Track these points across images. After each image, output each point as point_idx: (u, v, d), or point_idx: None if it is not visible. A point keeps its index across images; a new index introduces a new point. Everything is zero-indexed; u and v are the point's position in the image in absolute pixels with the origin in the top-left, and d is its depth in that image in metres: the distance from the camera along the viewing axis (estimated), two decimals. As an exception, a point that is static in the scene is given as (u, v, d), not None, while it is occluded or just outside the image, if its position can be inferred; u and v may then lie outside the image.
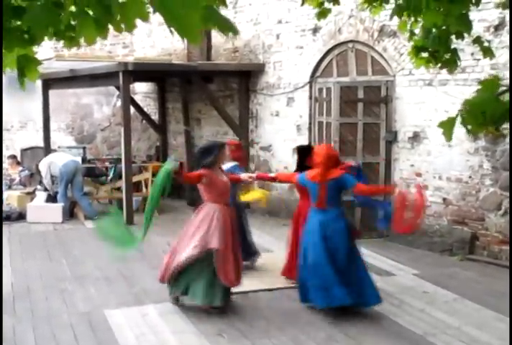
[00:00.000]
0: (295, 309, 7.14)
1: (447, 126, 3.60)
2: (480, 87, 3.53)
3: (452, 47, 5.48)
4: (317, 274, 6.82)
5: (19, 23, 3.17)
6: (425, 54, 5.75)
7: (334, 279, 6.78)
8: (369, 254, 9.54)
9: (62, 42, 3.74)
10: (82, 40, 3.36)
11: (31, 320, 6.90)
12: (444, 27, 5.20)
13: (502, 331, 6.41)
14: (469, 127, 3.61)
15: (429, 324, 6.71)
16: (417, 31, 5.78)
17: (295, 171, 7.88)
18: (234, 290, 7.21)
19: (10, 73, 4.06)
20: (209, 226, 6.96)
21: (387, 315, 6.97)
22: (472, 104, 3.52)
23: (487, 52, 5.72)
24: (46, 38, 3.23)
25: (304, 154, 7.86)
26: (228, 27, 3.27)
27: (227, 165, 8.19)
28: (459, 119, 3.64)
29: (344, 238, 6.94)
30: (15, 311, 7.18)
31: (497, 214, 8.91)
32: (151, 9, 2.73)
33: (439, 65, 5.71)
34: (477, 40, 5.68)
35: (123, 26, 3.14)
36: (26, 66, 3.50)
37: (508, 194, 8.72)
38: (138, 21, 2.97)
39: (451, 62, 5.57)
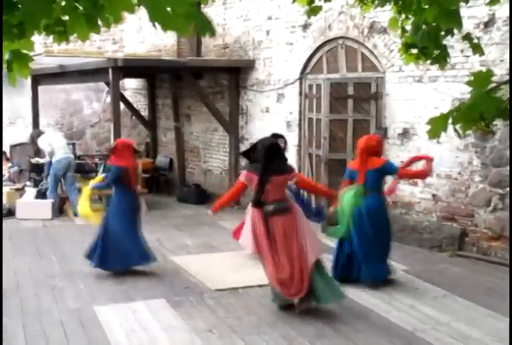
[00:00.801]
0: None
1: (436, 124, 3.60)
2: (471, 78, 3.54)
3: (442, 43, 5.49)
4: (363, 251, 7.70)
5: (7, 17, 3.16)
6: (414, 51, 5.76)
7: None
8: (359, 250, 9.57)
9: (51, 37, 3.72)
10: (73, 36, 3.34)
11: (21, 317, 6.87)
12: (434, 24, 5.21)
13: (492, 327, 6.44)
14: (458, 128, 3.62)
15: (419, 320, 6.72)
16: (408, 27, 5.79)
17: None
18: (224, 286, 7.21)
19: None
20: None
21: (377, 312, 6.98)
22: (467, 103, 3.52)
23: (477, 48, 5.73)
24: (36, 33, 3.21)
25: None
26: (207, 27, 3.26)
27: None
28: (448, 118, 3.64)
29: (383, 220, 7.83)
30: (5, 308, 7.15)
31: (487, 210, 8.94)
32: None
33: (429, 61, 5.72)
34: (467, 37, 5.69)
35: (110, 19, 3.13)
36: (17, 62, 3.48)
37: (497, 190, 8.75)
38: (128, 18, 2.97)
39: (440, 59, 5.58)
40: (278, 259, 6.73)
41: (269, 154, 6.74)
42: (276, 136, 8.16)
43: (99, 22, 3.22)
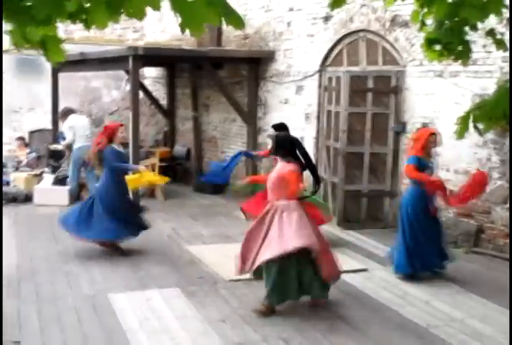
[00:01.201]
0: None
1: (462, 124, 3.59)
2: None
3: (465, 39, 5.44)
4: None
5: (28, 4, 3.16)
6: (438, 47, 5.70)
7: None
8: (374, 244, 9.57)
9: (73, 25, 3.72)
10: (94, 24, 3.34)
11: (35, 302, 6.93)
12: (456, 19, 5.15)
13: (505, 325, 6.40)
14: (480, 126, 3.61)
15: (433, 316, 6.71)
16: (429, 21, 5.74)
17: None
18: (238, 276, 7.22)
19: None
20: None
21: (391, 306, 6.97)
22: (490, 100, 3.50)
23: (501, 44, 5.67)
24: (59, 20, 3.21)
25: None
26: (235, 20, 3.24)
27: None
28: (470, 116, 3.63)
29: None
30: (20, 293, 7.21)
31: (504, 207, 8.89)
32: None
33: (452, 57, 5.67)
34: (490, 32, 5.64)
35: (132, 11, 3.13)
36: (51, 46, 3.47)
37: (515, 188, 8.71)
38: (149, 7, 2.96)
39: (464, 55, 5.53)
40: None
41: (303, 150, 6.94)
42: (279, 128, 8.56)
43: (121, 11, 3.22)
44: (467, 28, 5.28)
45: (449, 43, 5.38)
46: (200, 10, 2.91)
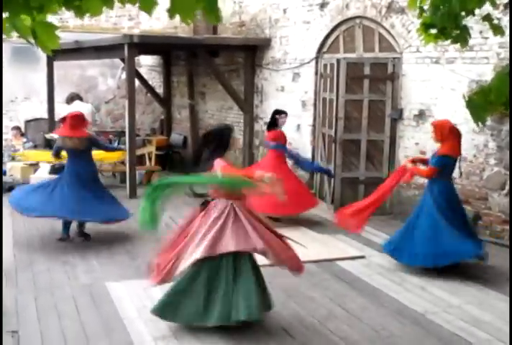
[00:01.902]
0: (296, 285, 7.15)
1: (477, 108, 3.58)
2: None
3: (462, 23, 5.41)
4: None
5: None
6: (433, 31, 5.68)
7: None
8: (372, 231, 9.56)
9: (68, 13, 3.70)
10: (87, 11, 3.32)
11: (33, 291, 6.93)
12: (453, 4, 5.13)
13: (503, 311, 6.42)
14: (476, 113, 3.60)
15: (430, 302, 6.72)
16: (426, 7, 5.72)
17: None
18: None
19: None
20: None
21: (388, 292, 6.98)
22: (492, 86, 3.49)
23: (498, 30, 5.64)
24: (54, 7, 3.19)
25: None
26: (213, 13, 3.21)
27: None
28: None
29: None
30: (17, 283, 7.20)
31: (501, 194, 8.89)
32: None
33: (449, 41, 5.64)
34: (487, 18, 5.61)
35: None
36: (44, 33, 3.43)
37: (512, 174, 8.70)
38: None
39: (461, 39, 5.50)
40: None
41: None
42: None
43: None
44: (463, 13, 5.26)
45: (445, 28, 5.36)
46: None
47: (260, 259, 6.15)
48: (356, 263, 8.05)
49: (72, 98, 13.01)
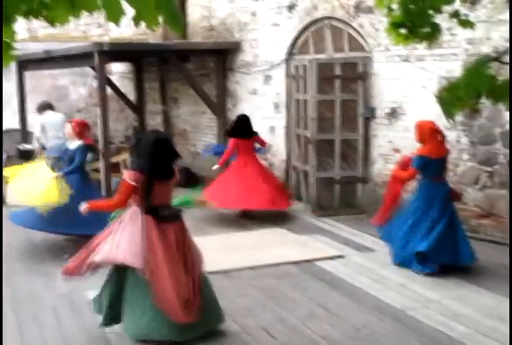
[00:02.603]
0: (276, 286, 7.18)
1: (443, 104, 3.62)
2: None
3: (432, 21, 5.46)
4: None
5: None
6: (403, 31, 5.72)
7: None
8: (349, 230, 9.61)
9: (36, 23, 3.69)
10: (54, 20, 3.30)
11: (12, 302, 6.88)
12: (421, 3, 5.18)
13: (482, 304, 6.49)
14: (447, 109, 3.63)
15: (410, 298, 6.76)
16: (394, 6, 5.76)
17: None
18: (215, 268, 7.21)
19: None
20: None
21: (367, 291, 7.02)
22: (462, 81, 3.52)
23: (466, 23, 5.69)
24: (20, 17, 3.17)
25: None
26: (174, 21, 3.20)
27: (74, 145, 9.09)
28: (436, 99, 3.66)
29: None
30: (-4, 294, 7.16)
31: (475, 188, 8.97)
32: None
33: (418, 40, 5.68)
34: (455, 14, 5.66)
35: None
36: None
37: (485, 168, 8.77)
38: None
39: (431, 36, 5.55)
40: (177, 274, 5.68)
41: (156, 152, 5.73)
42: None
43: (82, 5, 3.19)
44: (431, 11, 5.31)
45: (414, 26, 5.40)
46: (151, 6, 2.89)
47: (242, 261, 6.13)
48: (335, 262, 8.08)
49: (43, 107, 12.84)
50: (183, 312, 5.60)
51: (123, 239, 5.60)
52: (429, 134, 7.50)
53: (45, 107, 12.85)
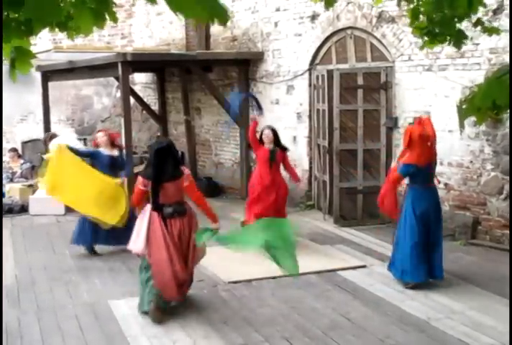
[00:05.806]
0: (298, 296, 7.17)
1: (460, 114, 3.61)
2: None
3: (456, 27, 5.46)
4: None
5: (16, 15, 3.16)
6: (427, 37, 5.74)
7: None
8: (373, 240, 9.59)
9: (61, 33, 3.73)
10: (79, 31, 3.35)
11: (36, 312, 6.92)
12: (445, 11, 5.18)
13: (505, 315, 6.42)
14: (472, 119, 3.63)
15: (433, 309, 6.73)
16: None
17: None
18: (237, 278, 7.22)
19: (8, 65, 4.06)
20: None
21: (391, 301, 6.99)
22: (480, 91, 3.51)
23: (492, 30, 5.68)
24: (48, 29, 3.22)
25: None
26: (219, 14, 3.20)
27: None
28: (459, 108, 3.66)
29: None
30: (20, 303, 7.20)
31: (499, 198, 8.91)
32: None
33: (445, 43, 5.67)
34: (478, 22, 5.66)
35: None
36: (19, 58, 3.49)
37: (509, 178, 8.71)
38: (137, 12, 2.97)
39: (456, 42, 5.54)
40: (174, 260, 6.63)
41: (158, 160, 6.64)
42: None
43: (106, 16, 3.23)
44: (456, 19, 5.31)
45: (440, 34, 5.41)
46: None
47: (263, 271, 6.13)
48: (357, 273, 8.06)
49: (51, 138, 12.97)
50: (177, 291, 6.73)
51: (133, 231, 6.80)
52: (418, 140, 7.33)
53: (53, 136, 12.97)
